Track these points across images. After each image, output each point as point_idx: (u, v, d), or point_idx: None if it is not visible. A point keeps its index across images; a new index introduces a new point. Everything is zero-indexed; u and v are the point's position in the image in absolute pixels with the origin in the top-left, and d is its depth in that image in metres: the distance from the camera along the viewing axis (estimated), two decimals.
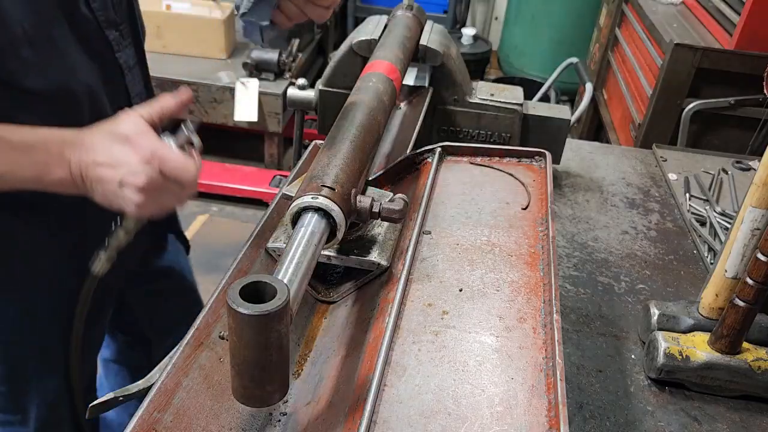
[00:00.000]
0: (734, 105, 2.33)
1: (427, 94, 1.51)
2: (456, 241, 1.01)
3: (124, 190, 0.89)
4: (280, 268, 0.76)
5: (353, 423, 0.71)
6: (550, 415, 0.72)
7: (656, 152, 1.91)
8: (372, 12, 2.78)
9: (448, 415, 0.72)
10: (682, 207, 1.64)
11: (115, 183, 0.89)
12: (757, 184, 1.04)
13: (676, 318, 1.16)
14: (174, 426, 0.73)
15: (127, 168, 0.88)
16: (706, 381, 1.09)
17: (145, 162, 0.88)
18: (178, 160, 0.89)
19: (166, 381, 0.77)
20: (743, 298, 1.02)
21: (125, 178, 0.88)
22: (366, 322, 0.89)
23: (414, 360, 0.79)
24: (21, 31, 0.88)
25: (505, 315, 0.87)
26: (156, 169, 0.88)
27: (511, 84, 1.81)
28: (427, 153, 1.22)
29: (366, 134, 1.02)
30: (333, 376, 0.84)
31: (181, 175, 0.89)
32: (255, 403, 0.70)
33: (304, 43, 3.94)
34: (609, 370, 1.15)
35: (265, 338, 0.64)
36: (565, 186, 1.71)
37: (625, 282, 1.38)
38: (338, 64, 1.55)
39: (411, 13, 1.54)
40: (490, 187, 1.14)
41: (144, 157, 0.88)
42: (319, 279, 1.04)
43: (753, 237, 1.07)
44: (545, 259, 0.97)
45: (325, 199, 0.85)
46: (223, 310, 0.88)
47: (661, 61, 2.39)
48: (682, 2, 2.76)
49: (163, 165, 0.88)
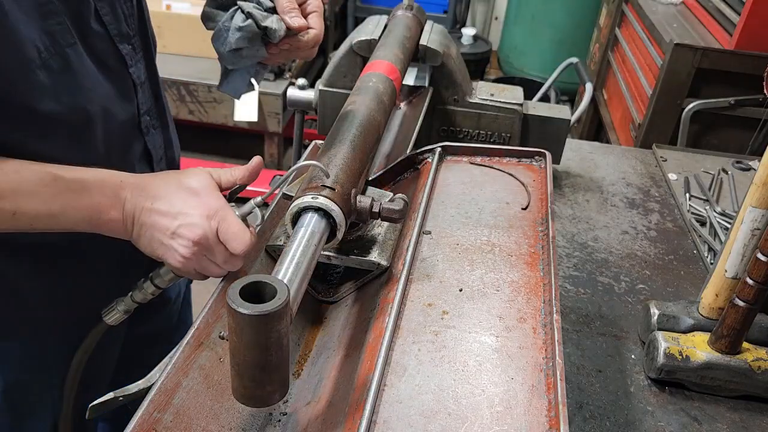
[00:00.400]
0: (734, 105, 2.33)
1: (427, 94, 1.51)
2: (456, 241, 1.01)
3: (176, 241, 0.88)
4: (280, 268, 0.76)
5: (353, 423, 0.71)
6: (550, 415, 0.72)
7: (656, 152, 1.91)
8: (372, 12, 2.79)
9: (448, 415, 0.72)
10: (682, 207, 1.64)
11: (169, 232, 0.87)
12: (757, 184, 1.04)
13: (676, 318, 1.16)
14: (174, 426, 0.73)
15: (186, 219, 0.87)
16: (706, 381, 1.09)
17: (205, 217, 0.87)
18: (238, 225, 0.88)
19: (166, 381, 0.77)
20: (743, 298, 1.02)
21: (181, 229, 0.87)
22: (366, 322, 0.89)
23: (414, 360, 0.79)
24: (36, 53, 0.85)
25: (505, 315, 0.87)
26: (214, 228, 0.87)
27: (511, 84, 1.81)
28: (427, 153, 1.22)
29: (366, 134, 1.02)
30: (333, 376, 0.84)
31: (235, 242, 0.88)
32: (255, 403, 0.70)
33: None
34: (609, 370, 1.15)
35: (265, 338, 0.64)
36: (565, 186, 1.71)
37: (625, 282, 1.38)
38: (338, 64, 1.55)
39: (411, 13, 1.54)
40: (490, 187, 1.14)
41: (205, 213, 0.87)
42: (319, 279, 1.04)
43: (753, 237, 1.07)
44: (545, 259, 0.97)
45: (325, 199, 0.85)
46: (223, 310, 0.88)
47: (661, 61, 2.39)
48: (682, 2, 2.76)
49: (221, 226, 0.87)
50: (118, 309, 1.02)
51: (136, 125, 1.09)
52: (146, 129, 1.11)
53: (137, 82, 1.06)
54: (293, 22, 1.00)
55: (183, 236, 0.87)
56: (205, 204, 0.88)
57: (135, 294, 1.01)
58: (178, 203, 0.88)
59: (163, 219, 0.88)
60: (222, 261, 0.90)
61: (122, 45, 1.01)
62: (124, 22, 1.01)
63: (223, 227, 0.87)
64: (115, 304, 1.03)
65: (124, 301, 1.02)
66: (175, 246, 0.88)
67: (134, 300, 1.01)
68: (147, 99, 1.11)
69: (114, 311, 1.03)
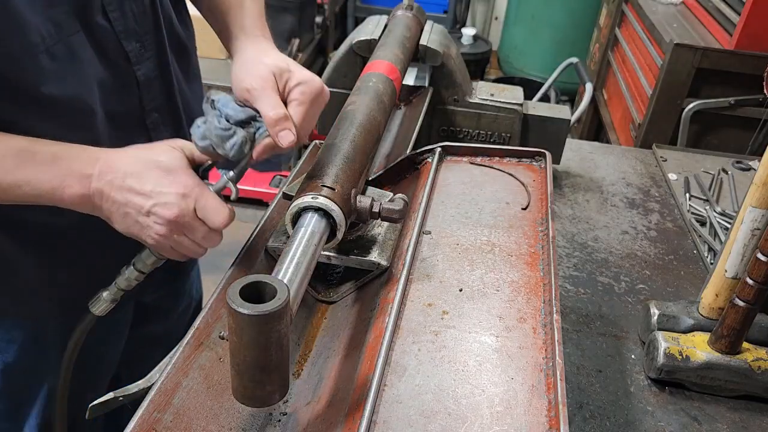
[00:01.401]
0: (734, 105, 2.33)
1: (427, 94, 1.51)
2: (456, 241, 1.01)
3: (151, 219, 0.87)
4: (280, 268, 0.76)
5: (353, 423, 0.71)
6: (550, 415, 0.72)
7: (656, 152, 1.91)
8: (372, 12, 2.78)
9: (448, 415, 0.72)
10: (682, 207, 1.64)
11: (143, 210, 0.87)
12: (757, 184, 1.04)
13: (676, 318, 1.16)
14: (174, 426, 0.73)
15: (161, 198, 0.86)
16: (706, 381, 1.09)
17: (181, 196, 0.86)
18: (215, 201, 0.88)
19: (166, 381, 0.77)
20: (743, 298, 1.02)
21: (156, 207, 0.86)
22: (366, 322, 0.89)
23: (414, 360, 0.79)
24: (39, 38, 0.87)
25: (505, 315, 0.87)
26: (191, 207, 0.87)
27: (511, 84, 1.81)
28: (427, 153, 1.22)
29: (366, 134, 1.02)
30: (333, 376, 0.84)
31: (213, 217, 0.88)
32: (255, 403, 0.70)
33: (304, 43, 3.94)
34: (609, 370, 1.15)
35: (265, 338, 0.64)
36: (565, 186, 1.71)
37: (625, 282, 1.38)
38: (338, 64, 1.55)
39: (411, 13, 1.54)
40: (490, 187, 1.14)
41: (181, 192, 0.86)
42: (319, 279, 1.04)
43: (753, 237, 1.07)
44: (545, 259, 0.97)
45: (325, 199, 0.85)
46: (223, 310, 0.88)
47: (661, 61, 2.39)
48: (682, 2, 2.76)
49: (198, 203, 0.87)
50: (104, 298, 1.00)
51: (140, 121, 1.09)
52: (153, 126, 1.11)
53: (142, 80, 1.05)
54: (283, 140, 0.89)
55: (158, 215, 0.86)
56: (180, 182, 0.87)
57: (119, 281, 0.99)
58: (150, 181, 0.86)
59: (136, 197, 0.87)
60: (201, 237, 0.90)
61: (128, 42, 1.01)
62: (132, 20, 1.01)
63: (201, 204, 0.87)
64: (101, 293, 1.01)
65: (108, 290, 1.00)
66: (150, 224, 0.88)
67: (119, 287, 0.99)
68: (156, 96, 1.10)
69: (100, 301, 1.01)
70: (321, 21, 4.26)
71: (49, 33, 0.88)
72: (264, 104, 0.90)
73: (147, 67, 1.06)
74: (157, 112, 1.11)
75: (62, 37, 0.90)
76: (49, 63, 0.89)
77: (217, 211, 0.88)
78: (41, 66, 0.88)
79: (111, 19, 0.98)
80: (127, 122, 1.06)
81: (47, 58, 0.88)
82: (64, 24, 0.90)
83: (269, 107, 0.90)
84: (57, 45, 0.89)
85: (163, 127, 1.13)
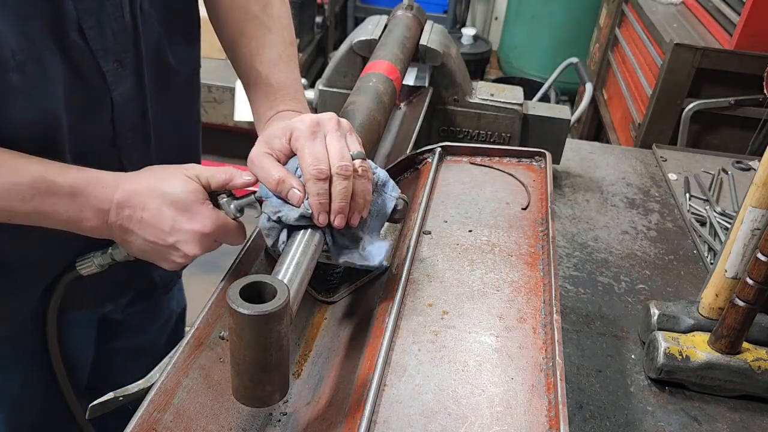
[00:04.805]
0: (734, 105, 2.33)
1: (427, 94, 1.51)
2: (456, 241, 1.01)
3: (172, 254, 0.89)
4: (280, 268, 0.76)
5: (353, 423, 0.71)
6: (550, 415, 0.72)
7: (656, 152, 1.91)
8: (372, 12, 2.78)
9: (448, 415, 0.72)
10: (682, 207, 1.64)
11: (165, 244, 0.88)
12: (757, 184, 1.04)
13: (676, 318, 1.16)
14: (174, 426, 0.73)
15: (181, 236, 0.87)
16: (706, 381, 1.09)
17: (200, 234, 0.87)
18: (233, 229, 0.90)
19: (166, 381, 0.77)
20: (743, 298, 1.02)
21: (178, 244, 0.87)
22: (366, 322, 0.89)
23: (414, 360, 0.79)
24: (10, 54, 0.82)
25: (505, 315, 0.87)
26: (211, 241, 0.89)
27: (511, 84, 1.81)
28: (427, 153, 1.22)
29: (366, 134, 1.02)
30: (333, 376, 0.84)
31: (231, 241, 0.91)
32: (255, 403, 0.70)
33: (304, 43, 3.94)
34: (609, 370, 1.15)
35: (265, 338, 0.64)
36: (565, 186, 1.71)
37: (625, 282, 1.38)
38: (338, 64, 1.55)
39: (411, 13, 1.55)
40: (490, 187, 1.14)
41: (199, 230, 0.87)
42: (319, 279, 1.04)
43: (753, 237, 1.07)
44: (545, 259, 0.97)
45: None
46: (223, 310, 0.88)
47: (661, 61, 2.39)
48: (682, 2, 2.76)
49: (218, 237, 0.89)
50: (94, 261, 1.00)
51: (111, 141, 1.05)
52: (123, 145, 1.06)
53: (117, 101, 1.00)
54: (292, 200, 0.84)
55: (180, 250, 0.88)
56: (197, 220, 0.87)
57: (115, 252, 0.98)
58: (167, 218, 0.86)
59: (157, 233, 0.87)
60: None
61: (105, 62, 0.96)
62: (112, 38, 0.95)
63: (221, 236, 0.89)
64: (92, 256, 1.00)
65: (101, 256, 0.99)
66: (170, 257, 0.90)
67: (113, 258, 0.99)
68: (130, 117, 1.05)
69: (89, 263, 1.00)
70: (321, 21, 4.26)
71: (21, 48, 0.83)
72: (260, 175, 0.88)
73: (124, 86, 1.01)
74: (132, 131, 1.07)
75: (34, 53, 0.85)
76: (20, 81, 0.84)
77: (236, 235, 0.91)
78: (11, 84, 0.84)
79: (87, 36, 0.92)
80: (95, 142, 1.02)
81: (18, 75, 0.84)
82: (36, 39, 0.85)
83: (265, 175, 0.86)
84: (28, 61, 0.84)
85: (134, 146, 1.08)
